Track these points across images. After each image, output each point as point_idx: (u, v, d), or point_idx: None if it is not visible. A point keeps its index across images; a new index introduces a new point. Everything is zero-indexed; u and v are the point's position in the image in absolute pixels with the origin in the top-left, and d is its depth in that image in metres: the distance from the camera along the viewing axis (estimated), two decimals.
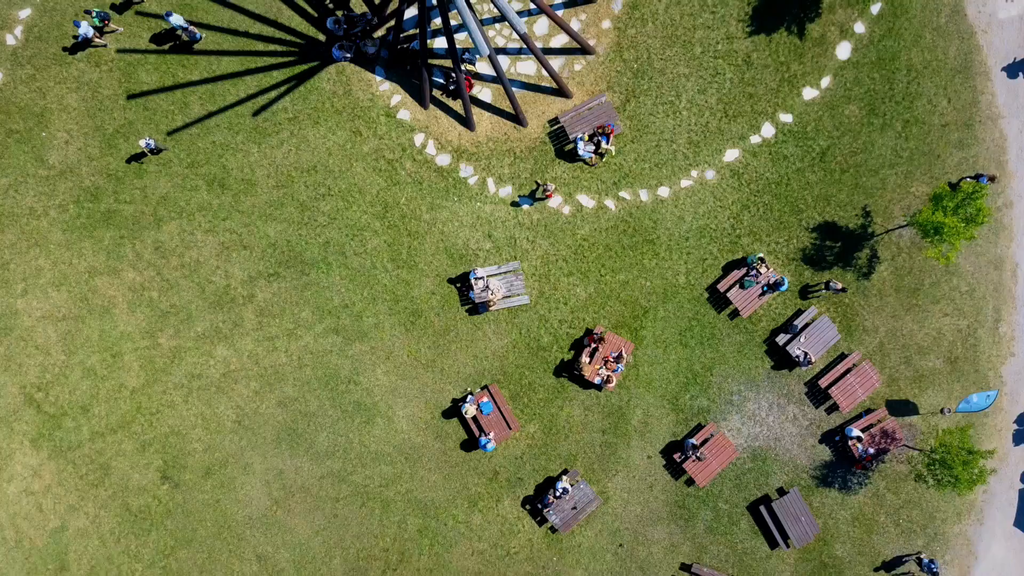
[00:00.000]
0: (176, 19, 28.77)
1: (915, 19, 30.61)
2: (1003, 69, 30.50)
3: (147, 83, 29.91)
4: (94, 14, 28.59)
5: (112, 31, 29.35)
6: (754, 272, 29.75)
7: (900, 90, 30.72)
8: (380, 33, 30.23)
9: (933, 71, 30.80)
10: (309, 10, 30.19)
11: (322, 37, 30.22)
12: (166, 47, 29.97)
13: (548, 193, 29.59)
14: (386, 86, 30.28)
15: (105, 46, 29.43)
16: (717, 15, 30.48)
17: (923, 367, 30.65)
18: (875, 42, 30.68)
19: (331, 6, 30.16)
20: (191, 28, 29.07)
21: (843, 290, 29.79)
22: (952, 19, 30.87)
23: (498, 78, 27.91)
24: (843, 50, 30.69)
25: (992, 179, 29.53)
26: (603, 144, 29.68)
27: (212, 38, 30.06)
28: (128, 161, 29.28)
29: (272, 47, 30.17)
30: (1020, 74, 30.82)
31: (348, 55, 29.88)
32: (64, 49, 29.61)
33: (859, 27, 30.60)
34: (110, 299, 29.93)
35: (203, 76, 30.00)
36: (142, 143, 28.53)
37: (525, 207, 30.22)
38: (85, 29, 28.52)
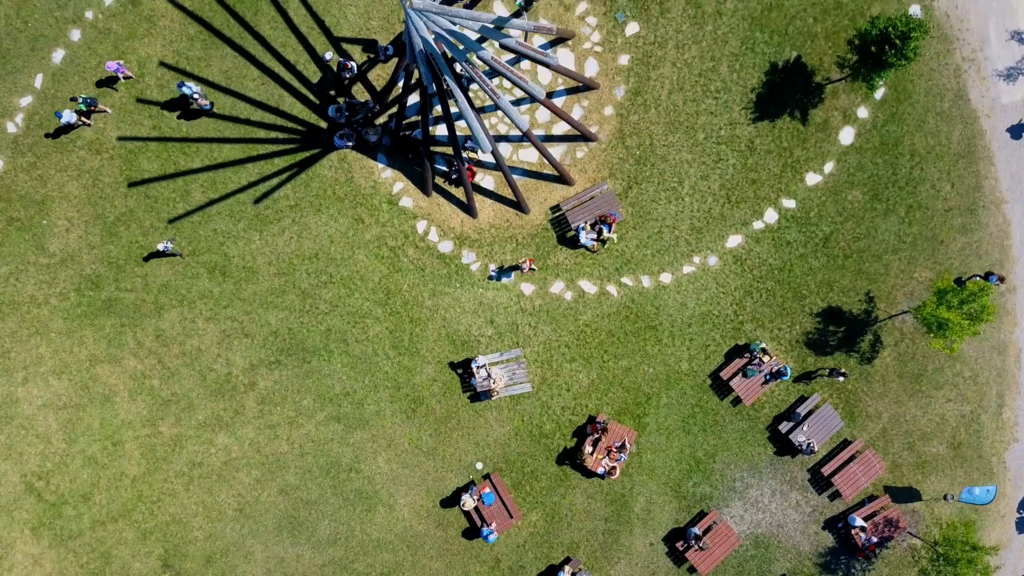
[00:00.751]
0: (188, 87, 28.72)
1: (918, 104, 30.53)
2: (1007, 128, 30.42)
3: (148, 171, 29.83)
4: (80, 100, 28.50)
5: (100, 111, 29.20)
6: (757, 361, 29.67)
7: (903, 175, 30.65)
8: (382, 120, 30.17)
9: (936, 156, 30.73)
10: (311, 97, 30.12)
11: (324, 124, 30.15)
12: (172, 123, 29.88)
13: (526, 266, 29.38)
14: (388, 173, 30.21)
15: (90, 125, 29.28)
16: (720, 101, 30.41)
17: (926, 453, 30.56)
18: (878, 127, 30.61)
19: (333, 94, 30.08)
20: (204, 99, 29.01)
21: (844, 375, 29.72)
22: (956, 104, 30.80)
23: (499, 167, 27.80)
24: (846, 135, 30.62)
25: (1002, 280, 29.47)
26: (605, 232, 29.61)
27: (213, 125, 30.00)
28: (146, 259, 29.30)
29: (274, 134, 30.10)
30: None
31: (350, 143, 29.80)
32: (47, 135, 29.46)
33: (862, 112, 30.53)
34: (111, 387, 29.85)
35: (204, 164, 29.93)
36: (161, 246, 28.58)
37: (510, 283, 30.13)
38: (68, 117, 28.47)
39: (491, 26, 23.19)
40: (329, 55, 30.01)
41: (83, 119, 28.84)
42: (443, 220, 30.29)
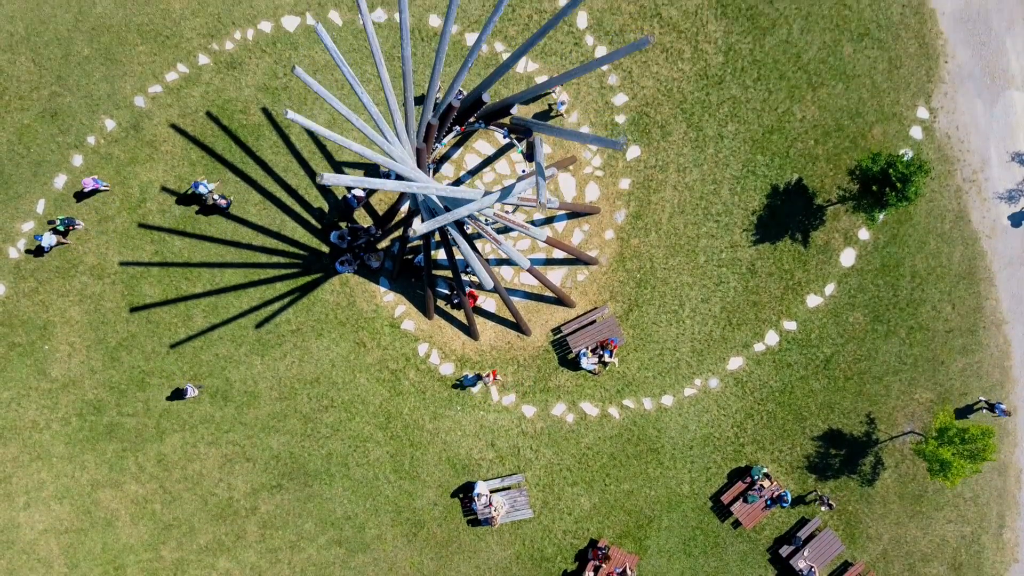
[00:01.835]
0: (204, 186, 28.86)
1: (919, 225, 30.59)
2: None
3: (150, 296, 29.87)
4: (58, 221, 28.69)
5: (76, 228, 29.28)
6: (758, 487, 29.71)
7: (904, 296, 30.70)
8: (384, 245, 30.21)
9: (937, 277, 30.78)
10: (313, 222, 30.16)
11: (326, 249, 30.18)
12: (174, 248, 29.92)
13: (490, 379, 29.45)
14: (390, 297, 30.25)
15: (68, 244, 29.36)
16: (721, 224, 30.46)
17: (927, 574, 30.59)
18: (879, 249, 30.66)
19: (335, 219, 30.12)
20: (222, 198, 29.18)
21: (831, 506, 29.82)
22: (956, 225, 30.86)
23: (499, 294, 27.84)
24: (847, 257, 30.67)
25: (1008, 414, 29.52)
26: (606, 357, 29.66)
27: (215, 249, 30.03)
28: (169, 398, 29.64)
29: (275, 259, 30.13)
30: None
31: (352, 268, 29.84)
32: (28, 251, 29.49)
33: (863, 234, 30.59)
34: (113, 512, 29.88)
35: (206, 288, 29.96)
36: (189, 391, 29.00)
37: (511, 405, 30.17)
38: (48, 240, 28.73)
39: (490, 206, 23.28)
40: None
41: (62, 239, 29.01)
42: (445, 343, 30.33)
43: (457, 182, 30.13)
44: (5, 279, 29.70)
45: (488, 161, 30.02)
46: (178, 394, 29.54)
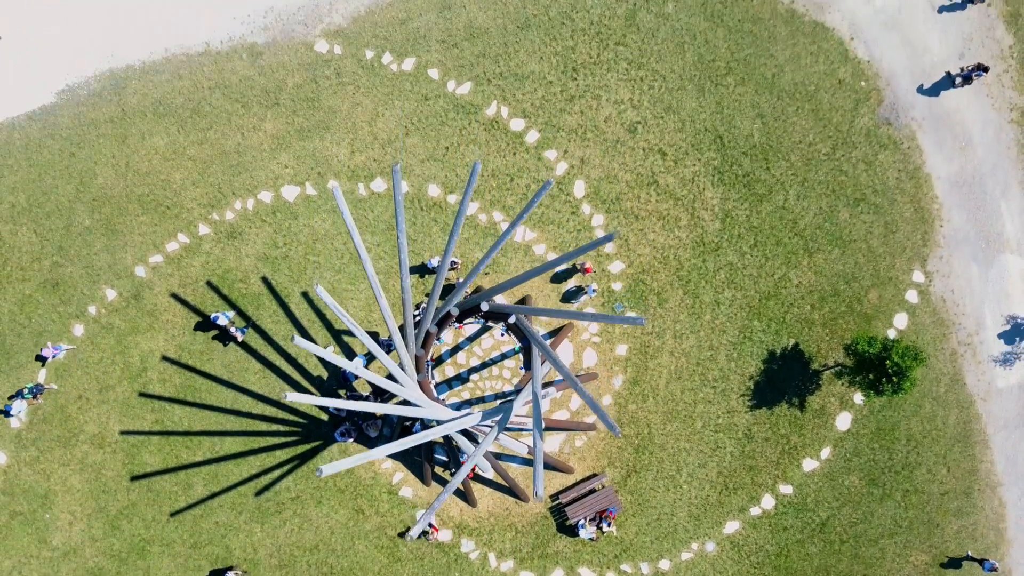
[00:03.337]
0: (225, 317, 29.27)
1: (915, 389, 30.70)
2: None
3: (151, 464, 30.07)
4: (26, 389, 29.13)
5: (48, 388, 29.64)
6: None
7: (900, 460, 30.91)
8: (382, 413, 30.42)
9: (933, 440, 31.00)
10: (312, 389, 30.36)
11: (325, 418, 30.40)
12: (175, 417, 30.13)
13: (434, 529, 29.67)
14: (388, 464, 30.45)
15: (41, 403, 29.72)
16: (718, 389, 30.67)
17: None
18: (875, 413, 30.88)
19: (334, 388, 30.33)
20: (240, 333, 29.58)
21: None
22: (952, 388, 31.07)
23: (496, 469, 28.06)
24: (843, 421, 30.88)
25: (994, 569, 29.68)
26: (604, 527, 29.86)
27: (215, 418, 30.24)
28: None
29: (275, 427, 30.34)
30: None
31: (351, 437, 30.05)
32: None
33: (859, 398, 30.79)
34: None
35: (206, 456, 30.16)
36: None
37: (510, 571, 30.35)
38: (18, 408, 29.24)
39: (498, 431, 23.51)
40: (331, 348, 30.27)
41: (35, 400, 29.46)
42: (443, 509, 30.51)
43: (452, 382, 30.25)
44: (7, 448, 29.90)
45: (488, 364, 30.33)
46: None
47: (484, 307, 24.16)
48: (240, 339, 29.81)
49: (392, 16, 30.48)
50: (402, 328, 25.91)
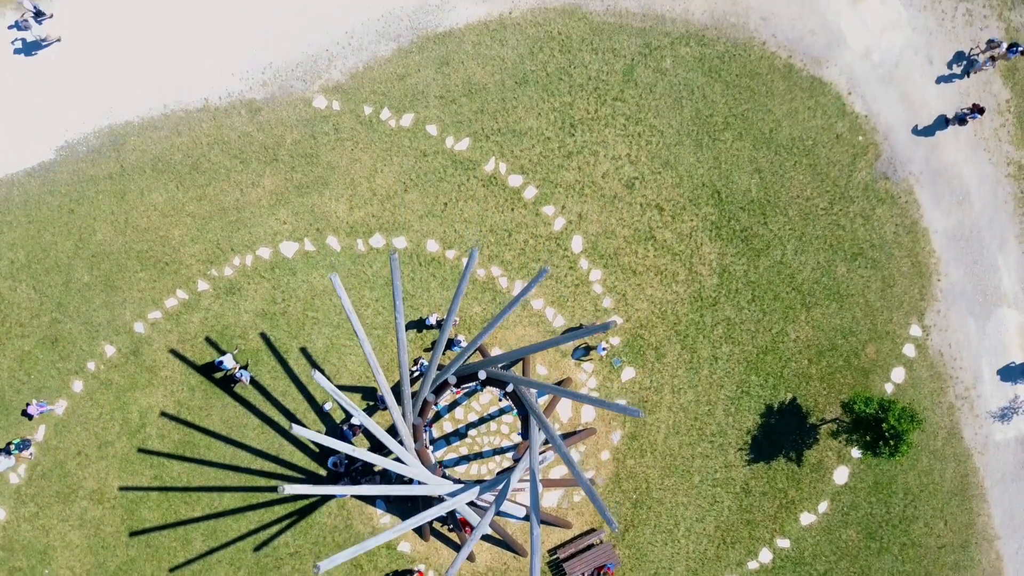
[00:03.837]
0: (228, 362, 29.35)
1: (912, 443, 30.80)
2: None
3: (150, 520, 30.13)
4: (12, 444, 29.18)
5: (34, 441, 29.80)
6: None
7: (897, 513, 30.99)
8: (379, 468, 30.47)
9: (930, 494, 31.08)
10: (310, 447, 30.42)
11: (323, 472, 30.45)
12: (174, 472, 30.19)
13: (419, 573, 29.84)
14: (387, 519, 30.51)
15: (30, 457, 29.80)
16: (716, 444, 30.74)
17: None
18: (872, 467, 30.95)
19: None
20: (245, 377, 29.62)
21: None
22: (949, 442, 31.16)
23: (494, 528, 28.21)
24: (840, 475, 30.96)
25: None
26: None
27: (214, 474, 30.29)
28: None
29: (273, 483, 30.39)
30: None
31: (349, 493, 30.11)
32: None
33: (856, 452, 30.86)
34: None
35: (205, 512, 30.23)
36: None
37: None
38: (4, 464, 29.38)
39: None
40: (328, 405, 30.33)
41: (23, 455, 29.56)
42: (441, 564, 30.57)
43: (451, 437, 30.32)
44: (6, 504, 29.96)
45: (486, 419, 30.42)
46: None
47: (482, 375, 24.26)
48: (246, 382, 29.82)
49: (390, 72, 30.55)
50: (396, 391, 25.99)
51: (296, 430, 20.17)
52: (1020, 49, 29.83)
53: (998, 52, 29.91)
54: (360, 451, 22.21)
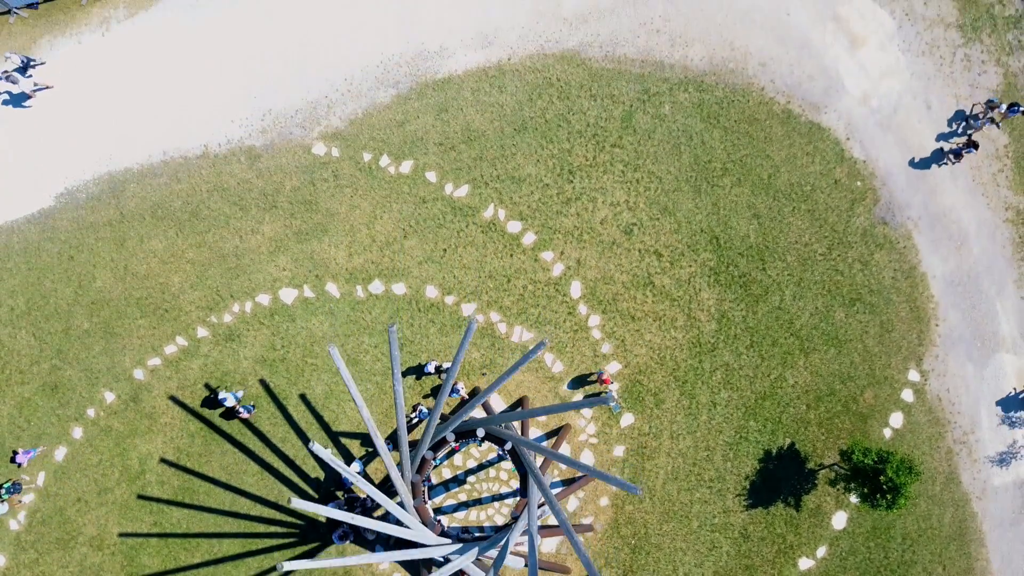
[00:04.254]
0: (231, 399, 29.38)
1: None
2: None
3: (149, 566, 30.17)
4: (3, 488, 29.25)
5: (25, 483, 29.82)
6: None
7: (895, 558, 31.03)
8: (380, 513, 30.50)
9: (928, 539, 31.12)
10: (310, 492, 30.48)
11: (323, 519, 30.50)
12: (173, 519, 30.25)
13: None
14: (385, 566, 30.55)
15: (24, 502, 29.86)
16: (714, 490, 30.79)
17: None
18: (870, 512, 30.97)
19: (332, 489, 30.45)
20: (247, 413, 29.63)
21: None
22: (947, 487, 31.20)
23: None
24: (839, 520, 31.01)
25: None
26: None
27: (213, 520, 30.35)
28: None
29: (273, 529, 30.44)
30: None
31: (349, 539, 30.16)
32: None
33: (854, 497, 30.88)
34: None
35: (205, 559, 30.27)
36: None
37: None
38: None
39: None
40: (328, 451, 30.31)
41: (15, 499, 29.62)
42: None
43: (449, 484, 30.35)
44: (6, 550, 30.02)
45: (485, 465, 30.44)
46: None
47: (480, 433, 24.31)
48: (249, 417, 29.84)
49: (390, 119, 30.61)
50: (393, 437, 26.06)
51: (295, 503, 20.27)
52: (1020, 109, 29.86)
53: (998, 113, 29.97)
54: (361, 519, 22.25)
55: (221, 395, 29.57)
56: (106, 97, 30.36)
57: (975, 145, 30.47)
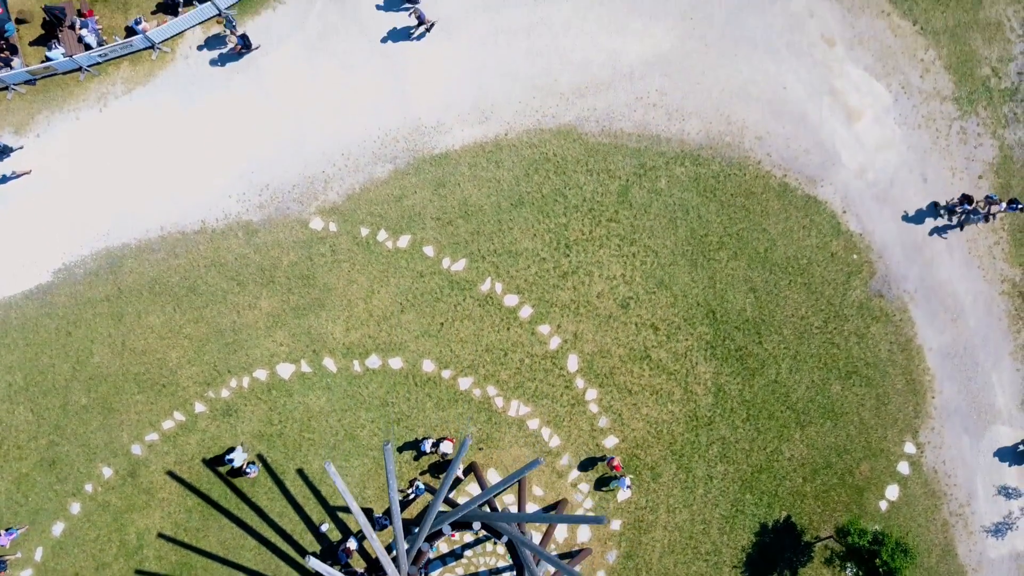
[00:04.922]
0: (239, 459, 29.47)
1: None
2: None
3: None
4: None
5: (12, 558, 29.81)
6: None
7: None
8: None
9: None
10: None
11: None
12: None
13: None
14: None
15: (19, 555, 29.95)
16: (710, 563, 30.85)
17: None
18: None
19: (330, 564, 30.48)
20: (253, 472, 29.80)
21: None
22: (943, 559, 31.27)
23: None
24: None
25: None
26: None
27: (214, 568, 30.47)
28: None
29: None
30: None
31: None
32: None
33: (850, 571, 30.93)
34: None
35: None
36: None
37: None
38: None
39: None
40: (325, 526, 30.45)
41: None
42: None
43: (447, 558, 30.43)
44: None
45: (482, 540, 30.49)
46: None
47: (476, 527, 24.38)
48: (253, 475, 29.88)
49: (387, 193, 30.68)
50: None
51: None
52: (1020, 206, 29.90)
53: (997, 209, 30.07)
54: None
55: (228, 457, 29.50)
56: (103, 173, 30.44)
57: (969, 200, 30.46)
